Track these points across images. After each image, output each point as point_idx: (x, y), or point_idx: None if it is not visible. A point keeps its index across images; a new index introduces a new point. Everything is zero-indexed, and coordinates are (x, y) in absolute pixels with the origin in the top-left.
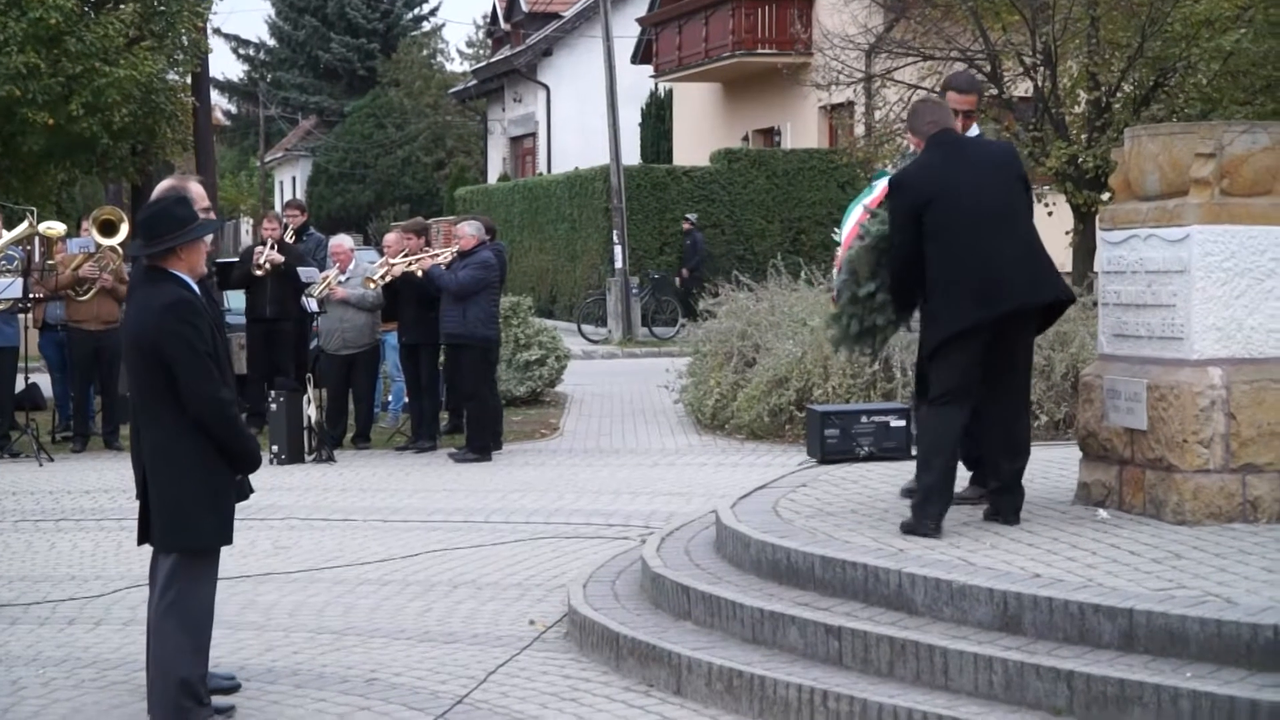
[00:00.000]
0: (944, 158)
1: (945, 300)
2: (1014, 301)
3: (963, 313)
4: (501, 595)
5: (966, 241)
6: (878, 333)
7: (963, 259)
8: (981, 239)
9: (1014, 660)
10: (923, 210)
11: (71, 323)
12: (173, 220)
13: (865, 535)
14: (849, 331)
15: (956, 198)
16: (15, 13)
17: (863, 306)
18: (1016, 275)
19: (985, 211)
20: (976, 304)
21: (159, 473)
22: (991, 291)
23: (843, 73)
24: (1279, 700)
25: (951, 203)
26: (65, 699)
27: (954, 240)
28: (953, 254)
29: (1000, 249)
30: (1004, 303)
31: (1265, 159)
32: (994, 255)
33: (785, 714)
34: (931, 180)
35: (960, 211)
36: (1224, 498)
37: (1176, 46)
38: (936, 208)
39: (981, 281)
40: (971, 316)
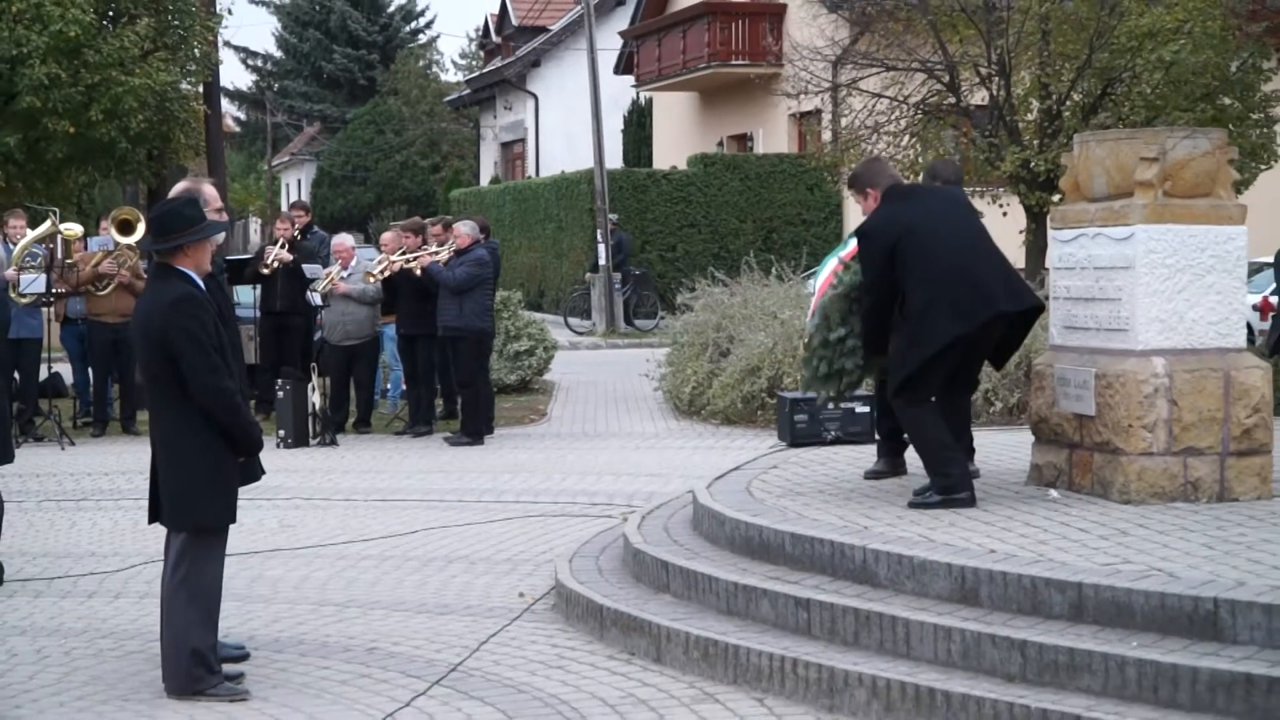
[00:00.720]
0: (905, 201)
1: (926, 322)
2: (992, 311)
3: (944, 329)
4: (493, 570)
5: (941, 264)
6: (845, 376)
7: (939, 279)
8: (955, 259)
9: (971, 630)
10: (894, 246)
11: (91, 316)
12: (181, 219)
13: (832, 514)
14: (819, 373)
15: (925, 229)
16: (38, 27)
17: (833, 350)
18: (992, 287)
19: (955, 236)
20: (957, 319)
21: (168, 457)
22: (970, 305)
23: (811, 82)
24: (1219, 668)
25: (921, 234)
26: (86, 667)
27: (929, 265)
28: (929, 277)
29: (973, 265)
30: (983, 314)
31: (1205, 163)
32: (969, 271)
33: (758, 680)
34: (898, 220)
35: (931, 239)
36: (1167, 479)
37: (1122, 58)
38: (907, 241)
39: (960, 297)
40: (952, 332)
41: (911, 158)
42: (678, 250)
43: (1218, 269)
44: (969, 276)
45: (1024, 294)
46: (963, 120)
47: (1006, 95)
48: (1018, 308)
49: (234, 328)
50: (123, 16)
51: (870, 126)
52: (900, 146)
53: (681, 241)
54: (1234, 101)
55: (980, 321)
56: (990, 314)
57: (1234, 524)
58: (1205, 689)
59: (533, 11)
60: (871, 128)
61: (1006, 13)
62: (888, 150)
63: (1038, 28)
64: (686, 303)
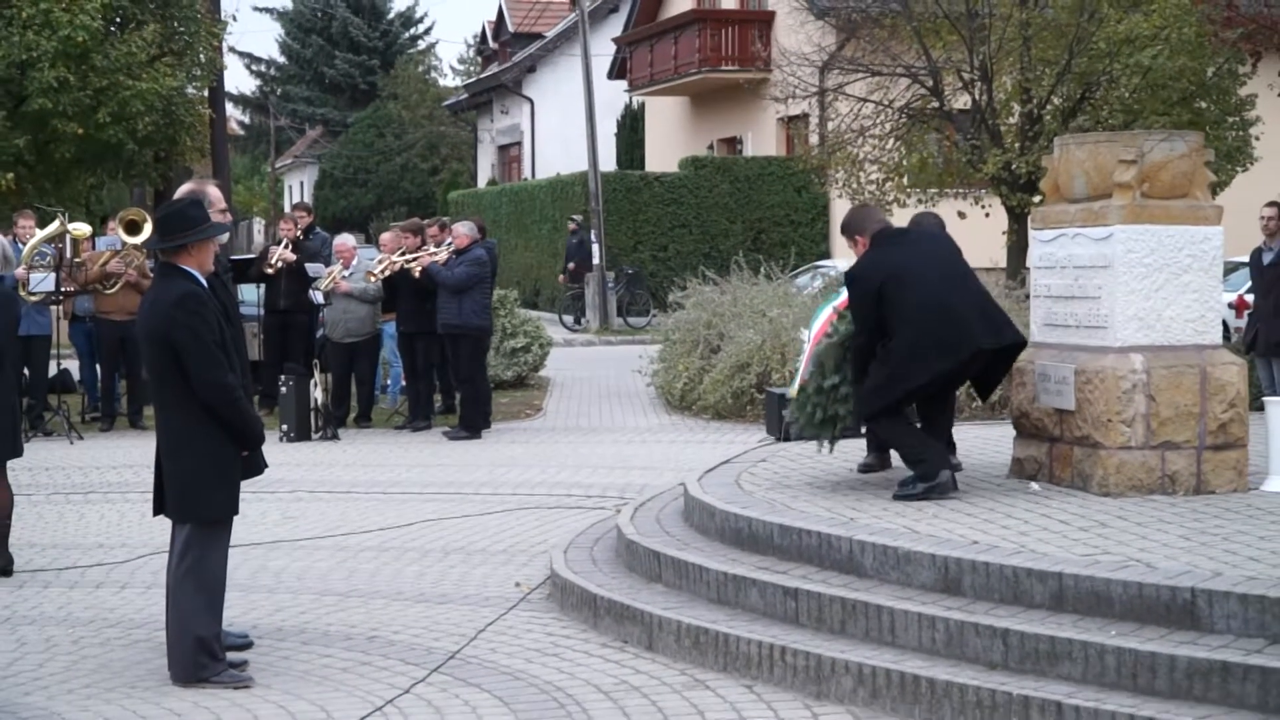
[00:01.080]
0: (892, 245)
1: (911, 356)
2: (972, 347)
3: (927, 366)
4: (490, 560)
5: (927, 303)
6: (838, 422)
7: (925, 317)
8: (940, 298)
9: (954, 619)
10: (881, 288)
11: (99, 314)
12: (185, 220)
13: (819, 506)
14: (813, 419)
15: (912, 270)
16: (47, 32)
17: (826, 397)
18: (974, 324)
19: (941, 275)
20: (940, 356)
21: (172, 451)
22: (953, 342)
23: (799, 87)
24: (1196, 656)
25: (908, 275)
26: (93, 655)
27: (915, 304)
28: (915, 315)
29: (958, 304)
30: (964, 350)
31: (1182, 165)
32: (953, 310)
33: (747, 667)
34: (885, 264)
35: (918, 279)
36: (1145, 472)
37: (1101, 63)
38: (893, 283)
39: (944, 335)
40: (934, 369)
41: (896, 160)
42: (669, 250)
43: (1194, 268)
44: (953, 315)
45: (1005, 330)
46: (946, 124)
47: (988, 99)
48: (998, 344)
49: (238, 325)
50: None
51: (856, 130)
52: (885, 149)
53: (673, 241)
54: (1210, 105)
55: (961, 359)
56: (970, 350)
57: (1211, 516)
58: (1183, 676)
59: (529, 18)
60: (857, 131)
61: (988, 19)
62: (873, 153)
63: (1019, 34)
64: (678, 301)
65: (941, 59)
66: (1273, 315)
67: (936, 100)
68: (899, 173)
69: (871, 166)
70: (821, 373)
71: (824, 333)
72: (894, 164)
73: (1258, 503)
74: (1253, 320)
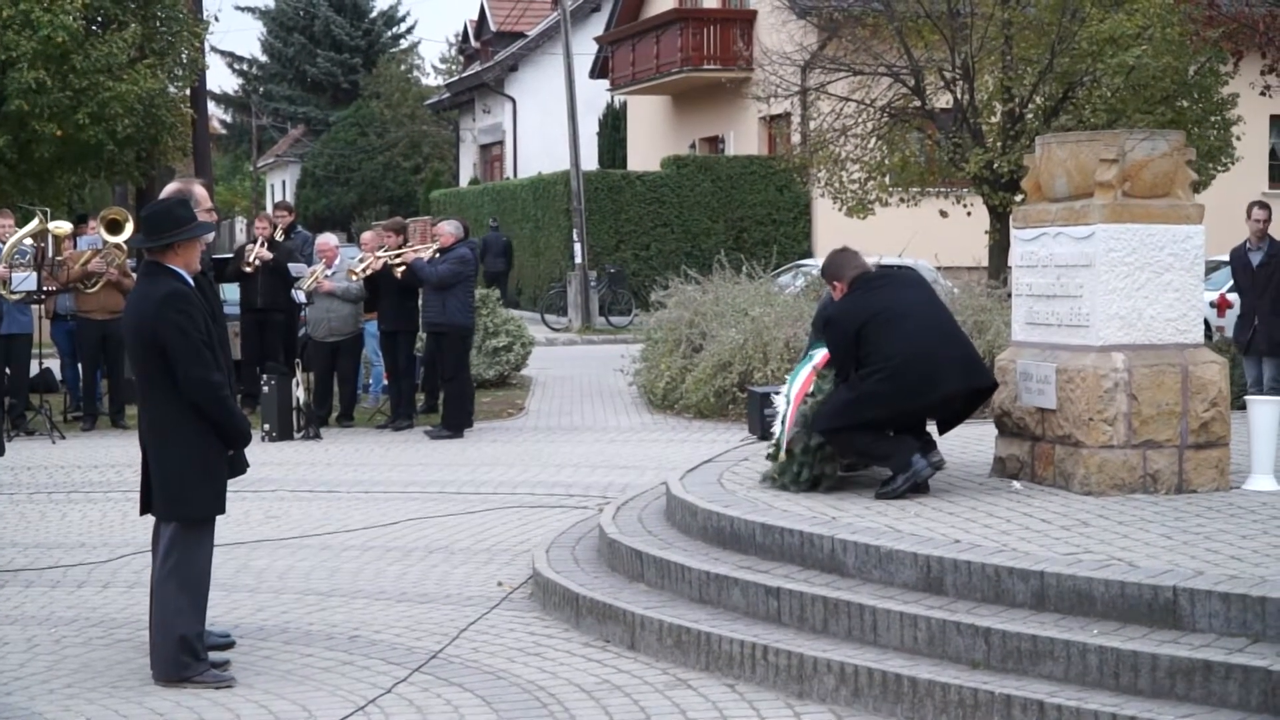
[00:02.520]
0: (870, 289)
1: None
2: (948, 389)
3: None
4: (472, 559)
5: (908, 346)
6: (825, 479)
7: (905, 362)
8: (923, 343)
9: (936, 618)
10: (861, 329)
11: (80, 313)
12: (173, 219)
13: (801, 505)
14: (800, 478)
15: (893, 312)
16: (27, 32)
17: (813, 456)
18: (950, 367)
19: (918, 317)
20: (911, 398)
21: (157, 449)
22: (927, 388)
23: (780, 86)
24: (1178, 654)
25: (886, 317)
26: (75, 655)
27: (897, 346)
28: (895, 357)
29: (936, 346)
30: (935, 395)
31: (1163, 164)
32: (934, 356)
33: (729, 667)
34: (865, 306)
35: (898, 321)
36: (1126, 471)
37: (1083, 62)
38: (874, 324)
39: (919, 381)
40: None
41: (878, 159)
42: (651, 249)
43: (1176, 267)
44: (933, 362)
45: (981, 374)
46: (928, 123)
47: (970, 99)
48: (969, 385)
49: (223, 325)
50: (111, 23)
51: (838, 129)
52: (867, 149)
53: (655, 240)
54: (1192, 104)
55: (928, 402)
56: (940, 395)
57: (1192, 515)
58: (1164, 675)
59: (511, 17)
60: (839, 130)
61: (970, 19)
62: (854, 152)
63: (1000, 33)
64: (660, 300)
65: (923, 58)
66: (1272, 314)
67: (918, 99)
68: (881, 172)
69: (853, 166)
70: (807, 433)
71: (806, 392)
72: (876, 163)
73: (1239, 501)
74: (1245, 320)
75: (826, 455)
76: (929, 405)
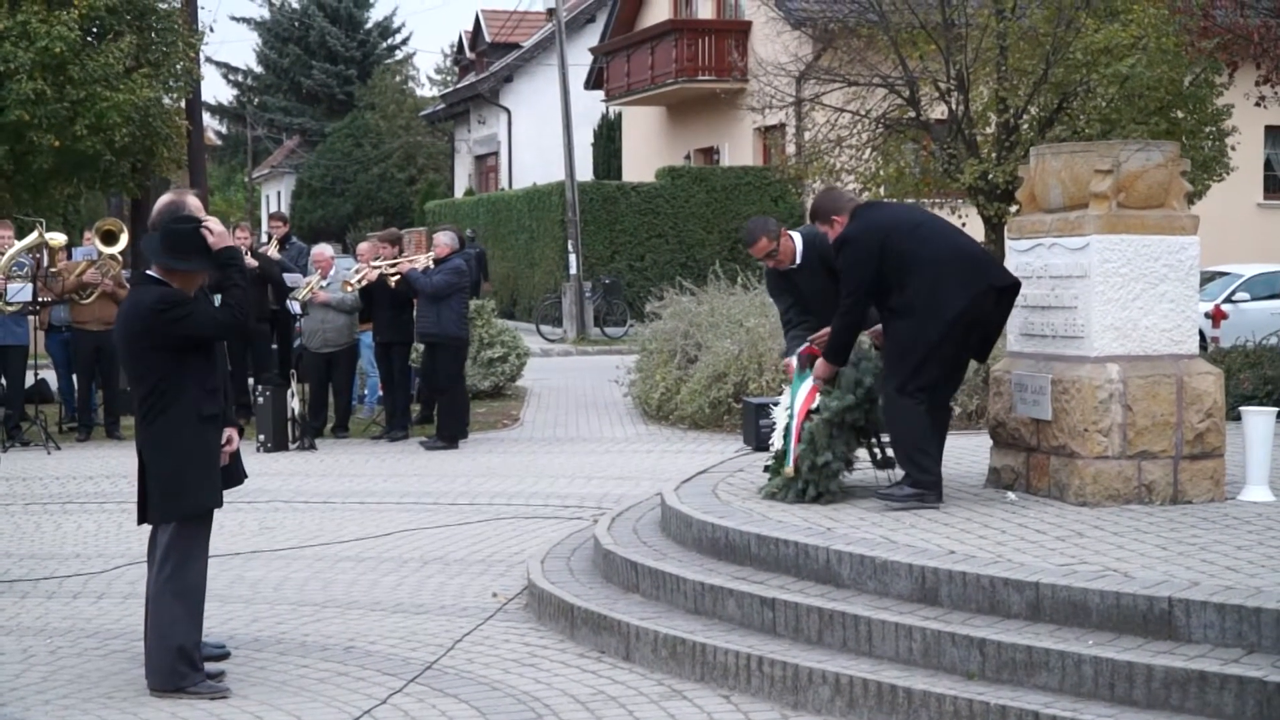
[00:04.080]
0: (877, 209)
1: (933, 297)
2: (991, 278)
3: (955, 298)
4: (467, 570)
5: (942, 245)
6: (827, 496)
7: (945, 258)
8: (951, 240)
9: (931, 629)
10: (886, 240)
11: (75, 324)
12: (191, 247)
13: (796, 515)
14: (805, 495)
15: (912, 221)
16: (24, 44)
17: (819, 474)
18: (985, 262)
19: (938, 223)
20: (964, 285)
21: (154, 452)
22: (974, 271)
23: (775, 97)
24: (1173, 665)
25: (910, 226)
26: (71, 666)
27: (931, 248)
28: (936, 257)
29: (968, 245)
30: (985, 279)
31: (1158, 174)
32: (964, 245)
33: (724, 678)
34: (879, 223)
35: (923, 227)
36: (1121, 481)
37: (1078, 72)
38: (900, 233)
39: (963, 265)
40: (965, 295)
41: (873, 170)
42: (646, 260)
43: (1171, 278)
44: (967, 253)
45: (1006, 273)
46: (923, 134)
47: (965, 109)
48: (1004, 282)
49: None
50: (107, 34)
51: (833, 140)
52: (862, 159)
53: (650, 251)
54: (1187, 115)
55: (977, 293)
56: (984, 285)
57: (1187, 526)
58: (1160, 686)
59: (506, 28)
60: (834, 141)
61: (965, 29)
62: (849, 163)
63: (995, 44)
64: (655, 311)
65: (918, 69)
66: None
67: (913, 110)
68: (876, 183)
69: (848, 176)
70: (814, 450)
71: (809, 408)
72: (870, 174)
73: (1234, 512)
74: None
75: (831, 473)
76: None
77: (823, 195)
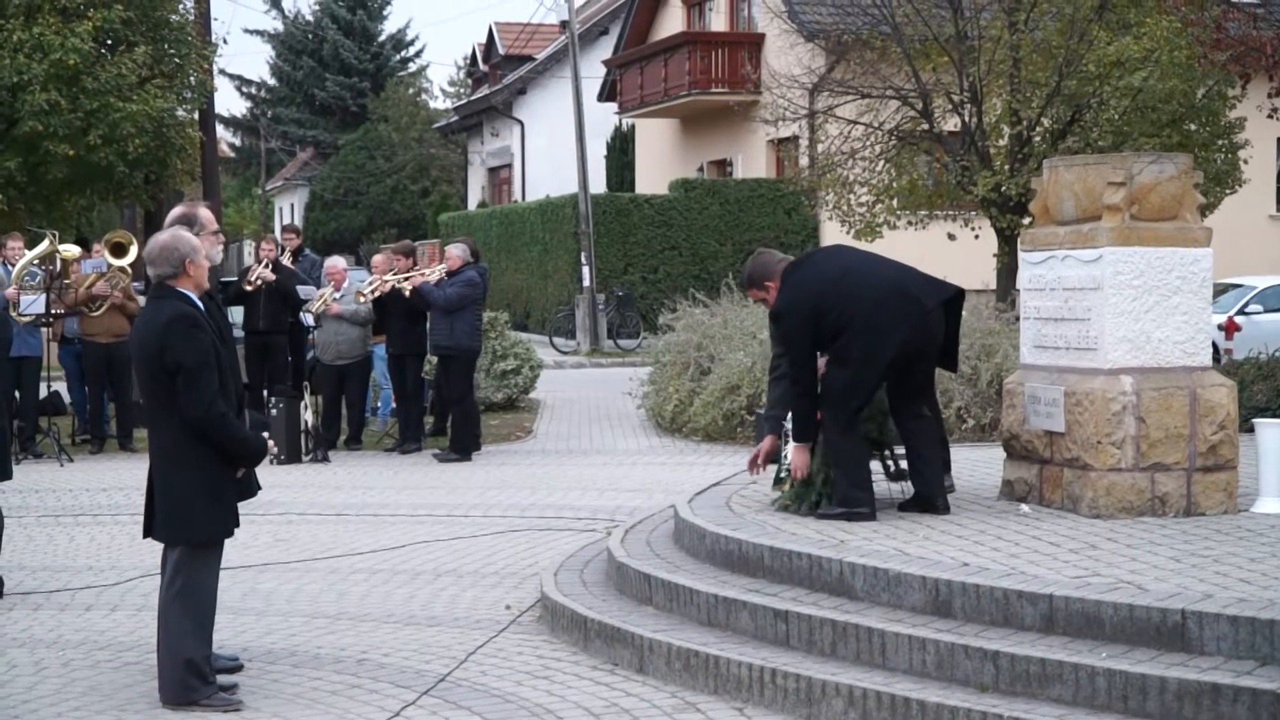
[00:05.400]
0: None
1: (869, 343)
2: (928, 300)
3: (888, 340)
4: (480, 583)
5: (865, 289)
6: None
7: (870, 298)
8: (875, 276)
9: (945, 641)
10: (819, 300)
11: (85, 336)
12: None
13: (810, 528)
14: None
15: (836, 274)
16: (38, 55)
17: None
18: (919, 284)
19: (865, 264)
20: (897, 323)
21: (164, 472)
22: (905, 304)
23: (788, 110)
24: (1187, 678)
25: (834, 280)
26: (83, 678)
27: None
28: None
29: (899, 278)
30: (919, 307)
31: (1171, 187)
32: (892, 278)
33: (738, 690)
34: (809, 281)
35: (847, 274)
36: (1135, 494)
37: (1090, 85)
38: (825, 297)
39: (894, 302)
40: (900, 332)
41: (886, 182)
42: (659, 272)
43: (1184, 290)
44: (896, 288)
45: (942, 287)
46: (936, 146)
47: (978, 121)
48: (942, 298)
49: (231, 347)
50: (121, 45)
51: (846, 152)
52: (875, 172)
53: (663, 264)
54: (1199, 127)
55: (914, 321)
56: (919, 313)
57: (1201, 538)
58: (1173, 698)
59: (519, 41)
60: (847, 153)
61: (978, 41)
62: (862, 175)
63: (1008, 56)
64: (668, 323)
65: (931, 81)
66: None
67: (926, 122)
68: (889, 194)
69: (861, 189)
70: (826, 464)
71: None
72: (884, 186)
73: (1247, 524)
74: None
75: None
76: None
77: (753, 262)
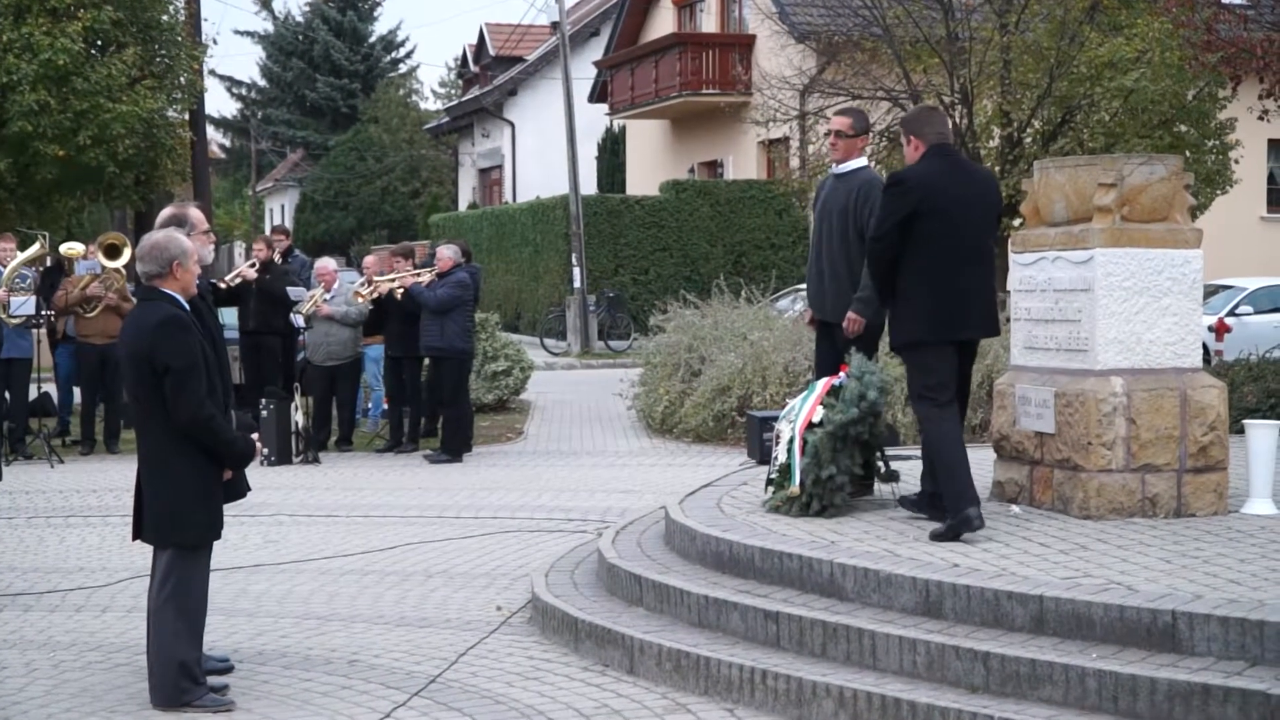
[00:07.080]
0: (945, 171)
1: (910, 311)
2: (970, 333)
3: (924, 328)
4: (471, 584)
5: (943, 269)
6: (832, 509)
7: (935, 285)
8: (956, 270)
9: (935, 642)
10: (915, 214)
11: (79, 337)
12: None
13: (800, 529)
14: (809, 509)
15: (948, 217)
16: (28, 55)
17: (823, 487)
18: (976, 311)
19: (965, 241)
20: (938, 326)
21: (152, 475)
22: (955, 320)
23: (779, 111)
24: (1177, 678)
25: (941, 221)
26: (74, 679)
27: (932, 264)
28: (928, 277)
29: (969, 285)
30: (963, 332)
31: (1162, 188)
32: (963, 290)
33: (728, 691)
34: (932, 189)
35: (946, 234)
36: (1125, 495)
37: (1081, 86)
38: (928, 220)
39: (949, 311)
40: (933, 334)
41: None
42: (650, 273)
43: (1174, 291)
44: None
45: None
46: None
47: (969, 123)
48: (987, 335)
49: (223, 349)
50: (111, 45)
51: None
52: None
53: (654, 265)
54: (1190, 129)
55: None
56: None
57: (1191, 539)
58: (1164, 699)
59: (510, 42)
60: None
61: (969, 43)
62: None
63: (999, 58)
64: (659, 324)
65: (922, 82)
66: None
67: None
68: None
69: None
70: (818, 464)
71: (810, 421)
72: None
73: (1238, 525)
74: None
75: (836, 486)
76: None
77: (917, 110)
